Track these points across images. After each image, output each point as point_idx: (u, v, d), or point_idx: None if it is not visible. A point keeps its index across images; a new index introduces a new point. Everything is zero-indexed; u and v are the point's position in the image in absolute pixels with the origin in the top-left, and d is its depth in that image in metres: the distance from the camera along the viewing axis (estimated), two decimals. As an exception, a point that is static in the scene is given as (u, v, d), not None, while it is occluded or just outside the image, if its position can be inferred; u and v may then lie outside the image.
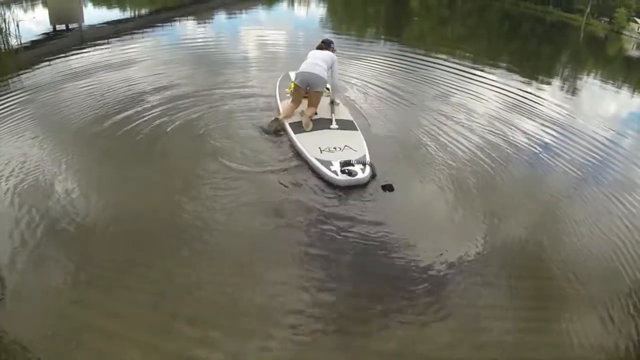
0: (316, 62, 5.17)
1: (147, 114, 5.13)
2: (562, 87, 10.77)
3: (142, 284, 2.85)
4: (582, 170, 5.28)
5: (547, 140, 6.01)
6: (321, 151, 4.47)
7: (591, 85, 12.14)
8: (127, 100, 5.49)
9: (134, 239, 3.24)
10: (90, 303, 2.68)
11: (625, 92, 12.08)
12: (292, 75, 5.78)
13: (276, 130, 4.97)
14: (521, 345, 2.77)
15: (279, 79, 6.31)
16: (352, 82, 7.28)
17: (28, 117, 4.85)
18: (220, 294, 2.84)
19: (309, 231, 3.49)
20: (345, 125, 5.07)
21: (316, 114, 5.14)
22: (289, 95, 5.55)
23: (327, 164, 4.24)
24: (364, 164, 4.27)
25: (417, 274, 3.19)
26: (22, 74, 6.28)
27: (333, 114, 5.17)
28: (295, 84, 5.19)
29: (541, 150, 5.66)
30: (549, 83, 10.55)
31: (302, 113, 5.04)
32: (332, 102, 5.37)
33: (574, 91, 10.61)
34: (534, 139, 5.96)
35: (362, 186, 4.13)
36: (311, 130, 4.84)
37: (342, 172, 4.12)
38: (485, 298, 3.09)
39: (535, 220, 4.14)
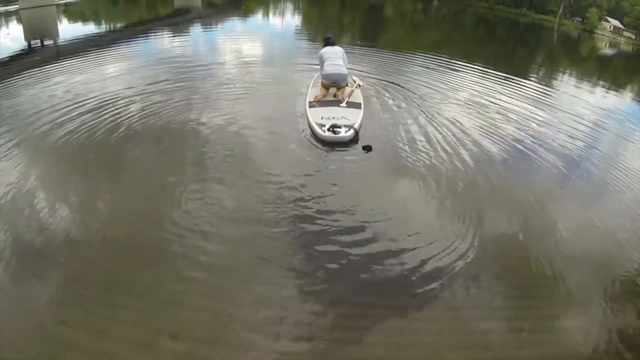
0: (336, 62, 6.19)
1: (125, 125, 5.14)
2: (538, 86, 10.92)
3: (125, 301, 2.81)
4: (565, 168, 5.35)
5: (529, 139, 6.06)
6: (322, 118, 5.48)
7: (566, 83, 12.37)
8: (103, 113, 5.46)
9: (116, 255, 3.20)
10: (73, 322, 2.64)
11: (599, 89, 12.32)
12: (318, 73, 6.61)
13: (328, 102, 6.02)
14: (507, 345, 2.78)
15: (315, 76, 6.99)
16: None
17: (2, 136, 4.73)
18: (203, 308, 2.82)
19: (290, 240, 3.46)
20: (353, 105, 5.95)
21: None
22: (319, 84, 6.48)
23: (321, 126, 5.27)
24: (350, 127, 5.20)
25: (400, 277, 3.19)
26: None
27: (348, 97, 6.02)
28: (324, 83, 6.18)
29: (524, 149, 5.70)
30: (525, 82, 10.71)
31: (335, 95, 6.17)
32: (357, 87, 6.29)
33: (549, 90, 10.77)
34: (515, 138, 6.02)
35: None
36: (324, 106, 5.83)
37: (329, 130, 5.13)
38: (470, 299, 3.10)
39: (517, 219, 4.12)
